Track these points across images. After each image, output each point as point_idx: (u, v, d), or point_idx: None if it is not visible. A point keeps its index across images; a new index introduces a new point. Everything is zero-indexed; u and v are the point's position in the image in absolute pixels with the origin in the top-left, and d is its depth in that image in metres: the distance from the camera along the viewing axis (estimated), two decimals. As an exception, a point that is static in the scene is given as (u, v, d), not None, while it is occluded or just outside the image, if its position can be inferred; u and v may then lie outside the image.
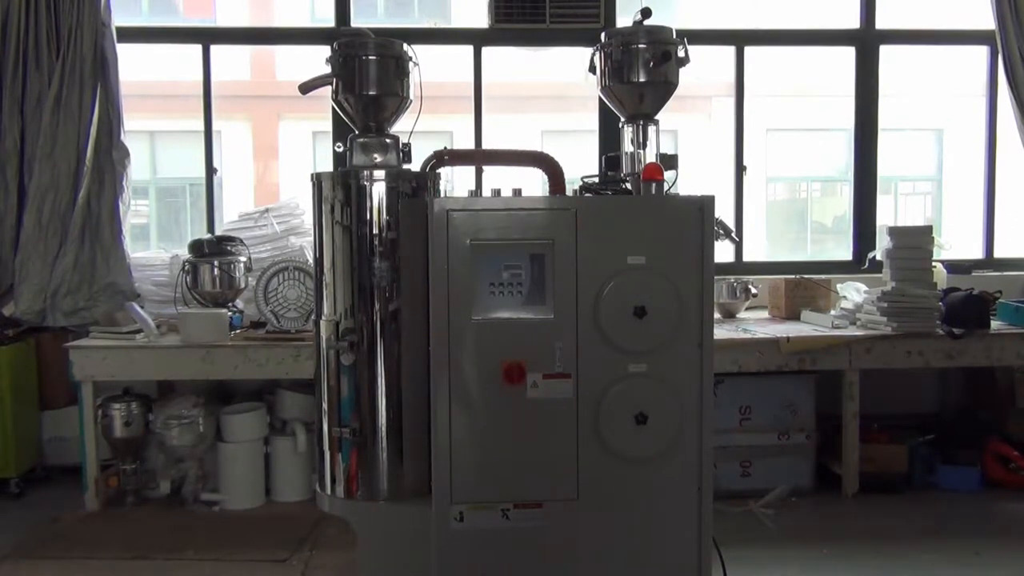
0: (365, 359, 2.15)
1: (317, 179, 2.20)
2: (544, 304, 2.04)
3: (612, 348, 2.05)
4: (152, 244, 6.67)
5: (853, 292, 3.84)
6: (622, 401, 2.06)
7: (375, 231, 2.13)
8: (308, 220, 3.91)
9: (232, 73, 6.53)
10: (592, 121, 4.22)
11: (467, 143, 4.27)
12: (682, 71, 2.33)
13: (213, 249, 3.70)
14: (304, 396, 3.52)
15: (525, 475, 2.06)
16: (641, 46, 2.26)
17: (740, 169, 4.32)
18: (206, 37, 4.16)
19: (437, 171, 2.28)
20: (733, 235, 3.84)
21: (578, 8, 4.05)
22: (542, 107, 7.05)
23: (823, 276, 4.05)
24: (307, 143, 7.35)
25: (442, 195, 2.24)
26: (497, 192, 2.06)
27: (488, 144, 4.19)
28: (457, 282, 2.01)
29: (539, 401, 2.04)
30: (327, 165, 4.13)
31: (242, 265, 3.72)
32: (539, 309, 2.04)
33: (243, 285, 3.74)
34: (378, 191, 2.13)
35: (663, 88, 2.31)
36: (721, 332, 3.46)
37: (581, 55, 2.51)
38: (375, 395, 2.15)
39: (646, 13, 2.29)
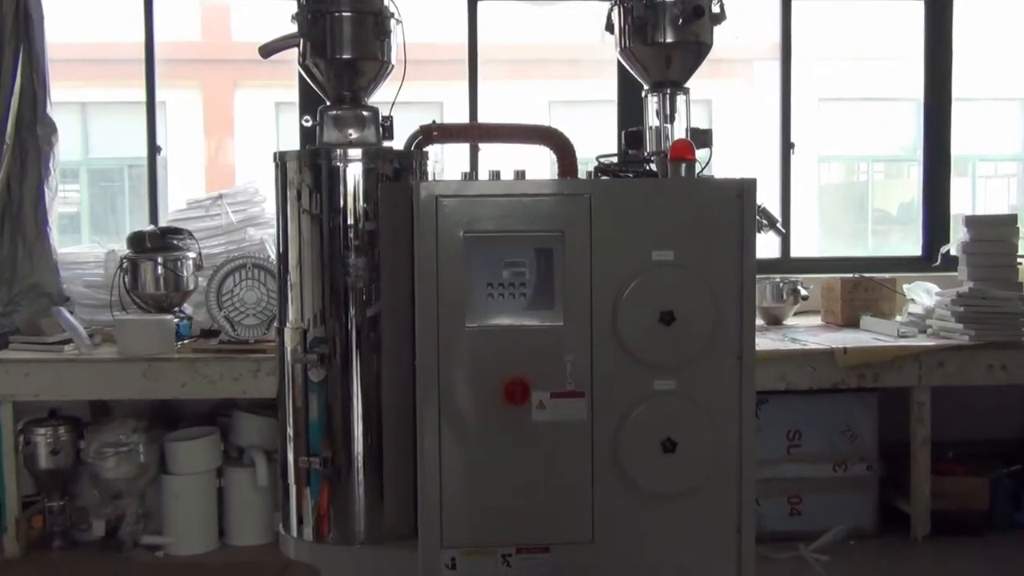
0: (338, 375, 2.15)
1: (281, 159, 2.20)
2: (552, 309, 2.04)
3: (634, 361, 2.04)
4: (84, 237, 6.68)
5: (923, 294, 3.83)
6: (646, 425, 2.05)
7: (350, 221, 2.13)
8: (270, 208, 3.91)
9: (179, 33, 6.54)
10: (610, 90, 4.23)
11: (460, 116, 4.27)
12: (717, 29, 2.32)
13: (156, 243, 3.70)
14: (265, 419, 3.52)
15: (530, 513, 2.06)
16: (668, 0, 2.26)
17: (787, 147, 4.32)
18: (148, -10, 4.16)
19: (424, 149, 2.28)
20: (779, 226, 3.85)
21: (593, -46, 4.06)
22: (550, 73, 7.06)
23: (887, 275, 4.05)
24: (269, 116, 7.35)
25: (430, 178, 2.24)
26: (496, 175, 2.06)
27: (485, 117, 4.19)
28: (448, 282, 2.01)
29: (546, 425, 2.04)
30: (293, 143, 4.13)
31: (191, 262, 3.73)
32: (546, 315, 2.04)
33: (192, 286, 3.74)
34: (354, 173, 2.13)
35: (694, 50, 2.31)
36: (765, 342, 3.45)
37: (596, 11, 2.51)
38: (350, 418, 2.15)
39: (674, -40, 2.29)
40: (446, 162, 2.58)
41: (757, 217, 2.04)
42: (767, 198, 3.96)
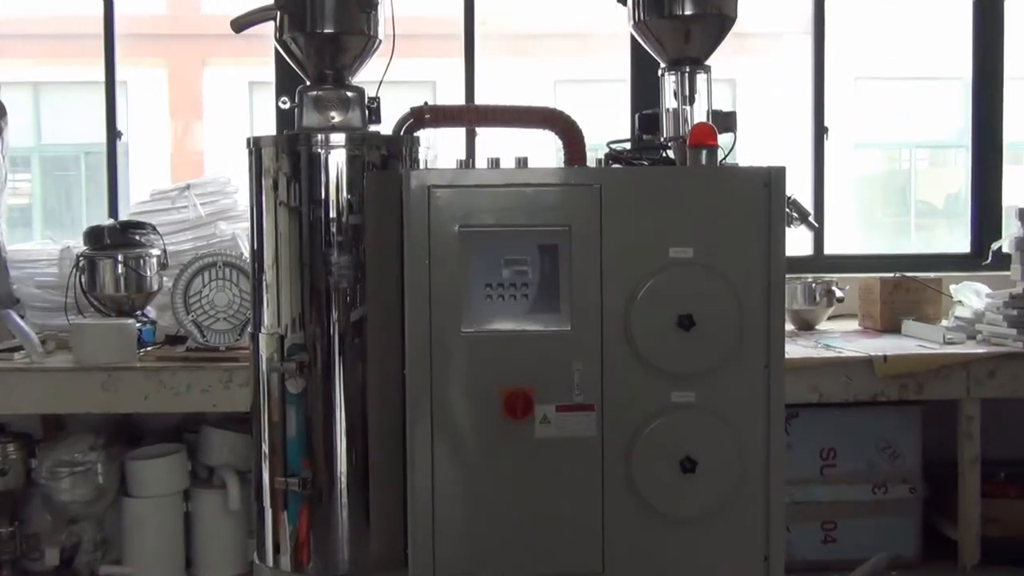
0: (319, 386, 2.15)
1: (255, 145, 2.20)
2: (558, 312, 2.04)
3: (649, 370, 2.05)
4: (36, 233, 6.69)
5: (972, 295, 3.82)
6: (663, 441, 2.06)
7: (332, 214, 2.14)
8: (243, 200, 3.91)
9: (142, 5, 6.55)
10: (622, 68, 4.23)
11: (456, 97, 4.27)
12: (741, 1, 2.32)
13: (117, 239, 3.70)
14: (237, 435, 3.52)
15: (533, 541, 2.06)
16: (687, -34, 2.27)
17: (820, 131, 4.32)
18: (108, -44, 4.16)
19: (415, 134, 2.29)
20: (811, 219, 3.85)
21: (603, -83, 4.06)
22: (555, 49, 7.06)
23: (931, 274, 4.04)
24: (242, 97, 7.36)
25: (422, 166, 2.25)
26: (495, 162, 2.07)
27: (483, 98, 4.19)
28: (442, 282, 2.02)
29: (552, 442, 2.04)
30: (268, 127, 4.13)
31: (155, 260, 3.73)
32: (551, 318, 2.04)
33: (156, 287, 3.74)
34: (336, 161, 2.14)
35: (716, 23, 2.32)
36: (796, 349, 3.45)
37: (607, -21, 2.51)
38: (332, 434, 2.15)
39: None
40: (440, 149, 2.58)
41: (787, 210, 2.04)
42: (798, 189, 3.96)
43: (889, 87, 7.73)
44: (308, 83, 2.24)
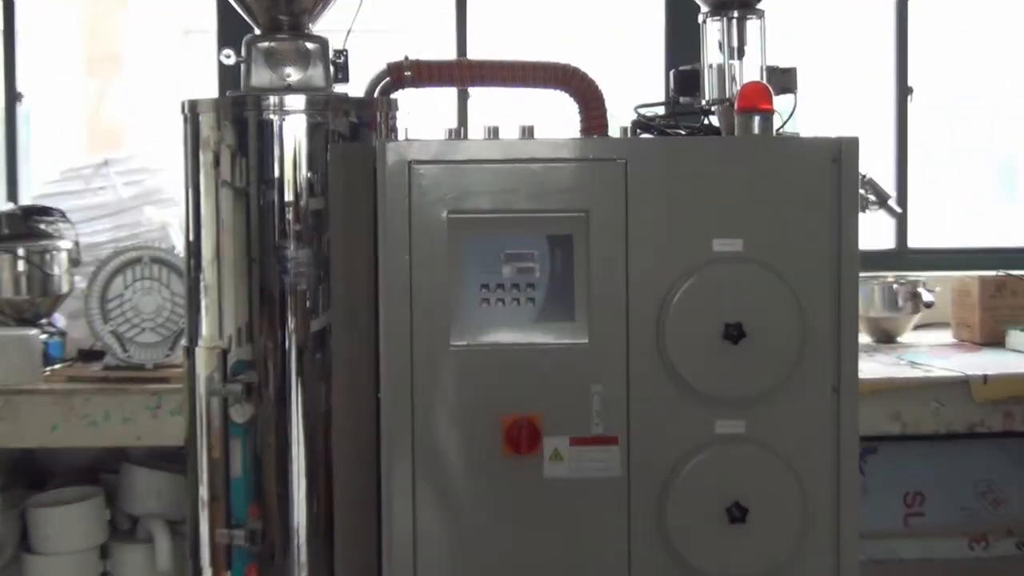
0: (271, 413, 2.16)
1: (191, 111, 2.21)
2: (572, 320, 2.05)
3: (688, 394, 2.05)
4: (-87, 221, 6.67)
5: (1096, 300, 3.82)
6: (706, 484, 2.06)
7: (288, 197, 2.14)
8: (176, 180, 3.91)
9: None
10: (653, 15, 4.23)
11: (444, 51, 4.28)
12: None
13: (16, 228, 3.70)
14: (168, 476, 3.52)
15: (541, 608, 2.08)
16: None
17: (904, 92, 4.32)
18: None
19: (393, 96, 2.30)
20: (892, 203, 3.84)
21: None
22: (570, -11, 7.06)
23: (1045, 273, 4.04)
24: (174, 50, 7.36)
25: (401, 136, 2.25)
26: (493, 132, 2.07)
27: (478, 52, 4.20)
28: (426, 283, 2.02)
29: (564, 484, 2.05)
30: (209, 87, 4.14)
31: (65, 255, 3.73)
32: (564, 328, 2.05)
33: (66, 288, 3.74)
34: (294, 130, 2.14)
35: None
36: (873, 366, 3.45)
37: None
38: (288, 474, 2.16)
39: None
40: (424, 114, 2.58)
41: (861, 191, 2.04)
42: (875, 165, 3.96)
43: (991, 36, 7.71)
44: (258, 32, 2.24)
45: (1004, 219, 8.05)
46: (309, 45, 2.23)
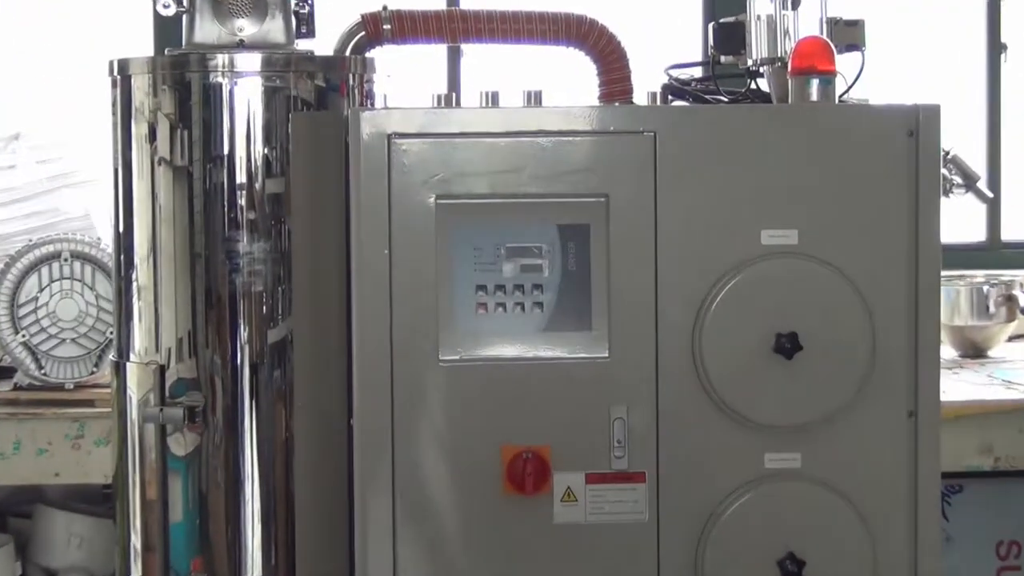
0: (219, 443, 2.15)
1: (121, 71, 2.20)
2: (589, 330, 2.05)
3: (731, 420, 2.05)
4: None
5: None
6: (752, 531, 2.06)
7: (241, 179, 2.14)
8: (101, 157, 3.91)
9: None
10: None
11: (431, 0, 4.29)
12: None
13: (-96, 218, 3.71)
14: (92, 521, 3.52)
15: None
16: None
17: (996, 51, 4.32)
18: None
19: (369, 55, 2.29)
20: (981, 185, 3.83)
21: None
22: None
23: None
24: (99, -1, 7.36)
25: (379, 104, 2.25)
26: (492, 98, 2.07)
27: (473, 0, 4.20)
28: (410, 285, 2.02)
29: (580, 530, 2.04)
30: (143, 44, 4.13)
31: (-34, 250, 3.74)
32: (578, 340, 2.05)
33: (-33, 292, 3.75)
34: (247, 96, 2.14)
35: None
36: (959, 386, 3.44)
37: None
38: (240, 517, 2.16)
39: None
40: (406, 77, 2.58)
41: (944, 171, 2.04)
42: (962, 140, 3.95)
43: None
44: (203, -25, 2.25)
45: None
46: (265, -8, 2.23)
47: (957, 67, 4.40)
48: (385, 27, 2.30)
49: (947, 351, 3.67)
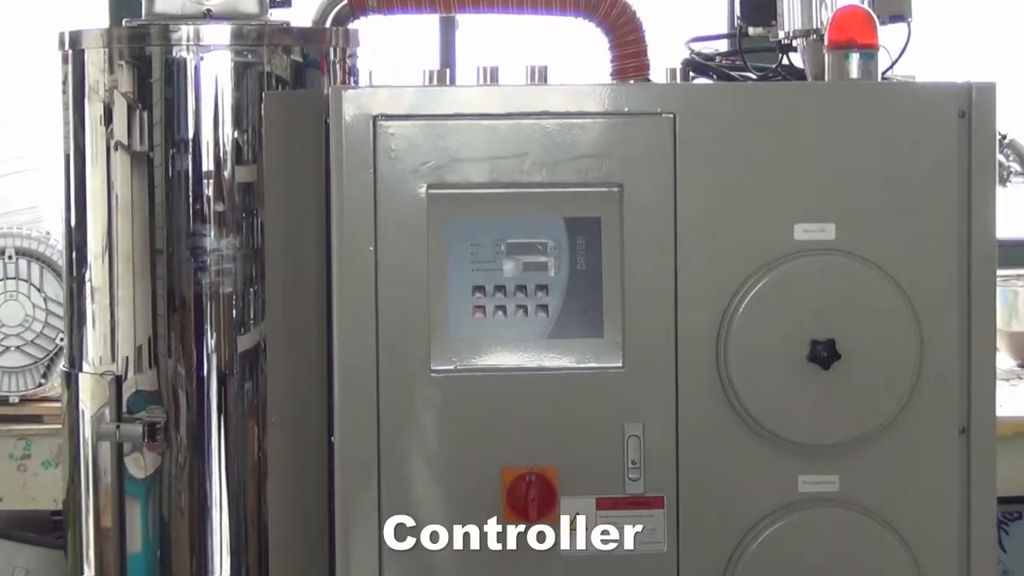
0: (184, 464, 2.16)
1: (73, 45, 2.21)
2: (600, 336, 2.05)
3: (760, 438, 2.05)
4: None
5: None
6: (785, 560, 2.06)
7: (208, 166, 2.14)
8: (51, 143, 3.92)
9: None
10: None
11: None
12: None
13: None
14: (40, 551, 3.53)
15: None
16: None
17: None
18: None
19: (351, 26, 2.30)
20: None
21: None
22: None
23: None
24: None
25: (363, 82, 2.25)
26: (491, 75, 2.07)
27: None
28: (398, 285, 2.02)
29: (589, 562, 2.04)
30: (97, 15, 4.14)
31: (-102, 247, 3.74)
32: (589, 348, 2.05)
33: (-100, 293, 3.75)
34: (214, 72, 2.14)
35: None
36: (1017, 399, 3.45)
37: None
38: (206, 547, 2.16)
39: None
40: (392, 51, 2.58)
41: (1000, 157, 2.03)
42: (1020, 122, 3.96)
43: None
44: (166, -63, 2.25)
45: None
46: (235, -44, 2.24)
47: (1015, 42, 4.41)
48: (370, -5, 2.31)
49: (1003, 360, 3.67)
